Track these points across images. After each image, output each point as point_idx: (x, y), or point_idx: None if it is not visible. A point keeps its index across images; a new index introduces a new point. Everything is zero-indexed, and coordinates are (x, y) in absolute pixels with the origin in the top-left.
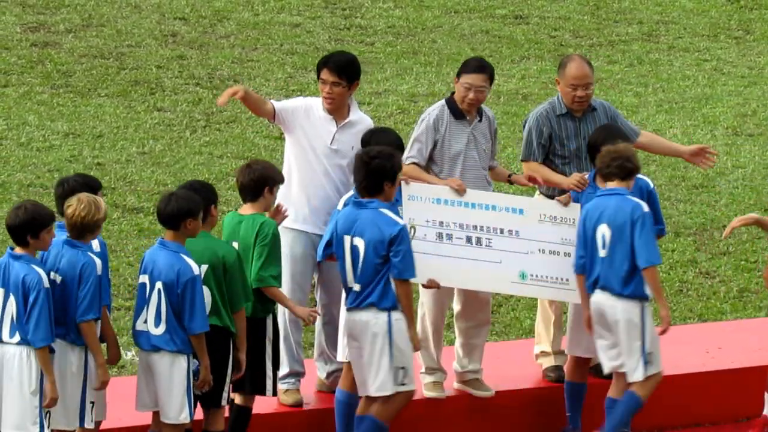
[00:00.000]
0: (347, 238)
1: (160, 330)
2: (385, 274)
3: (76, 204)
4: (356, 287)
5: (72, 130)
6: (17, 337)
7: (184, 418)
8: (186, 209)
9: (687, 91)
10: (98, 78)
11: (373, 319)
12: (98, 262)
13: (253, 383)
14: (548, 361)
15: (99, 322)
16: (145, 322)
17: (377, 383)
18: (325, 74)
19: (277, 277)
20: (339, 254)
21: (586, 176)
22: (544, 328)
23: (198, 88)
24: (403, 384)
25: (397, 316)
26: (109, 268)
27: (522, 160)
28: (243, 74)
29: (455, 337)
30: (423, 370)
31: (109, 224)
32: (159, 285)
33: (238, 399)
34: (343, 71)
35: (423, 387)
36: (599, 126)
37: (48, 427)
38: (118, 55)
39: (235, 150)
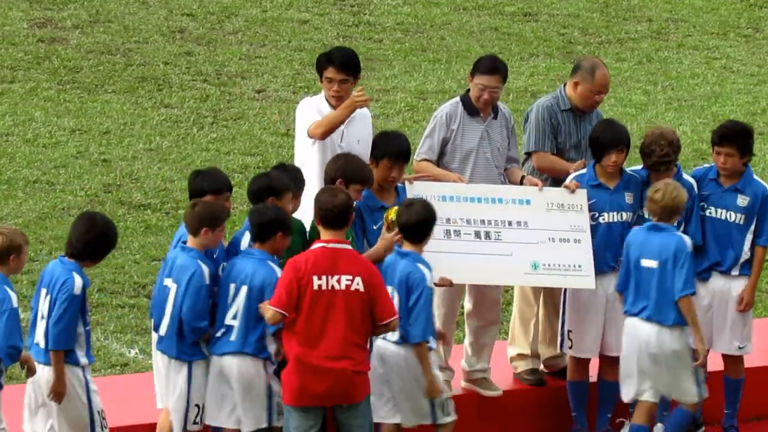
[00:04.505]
0: None
1: None
2: None
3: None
4: None
5: (78, 126)
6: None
7: None
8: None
9: (696, 89)
10: (105, 74)
11: None
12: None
13: None
14: (524, 365)
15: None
16: None
17: None
18: (332, 73)
19: None
20: None
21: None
22: (522, 329)
23: (205, 85)
24: None
25: None
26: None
27: (533, 151)
28: (251, 71)
29: (463, 336)
30: None
31: (115, 221)
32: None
33: None
34: (348, 67)
35: None
36: (601, 121)
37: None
38: (125, 52)
39: (243, 147)
